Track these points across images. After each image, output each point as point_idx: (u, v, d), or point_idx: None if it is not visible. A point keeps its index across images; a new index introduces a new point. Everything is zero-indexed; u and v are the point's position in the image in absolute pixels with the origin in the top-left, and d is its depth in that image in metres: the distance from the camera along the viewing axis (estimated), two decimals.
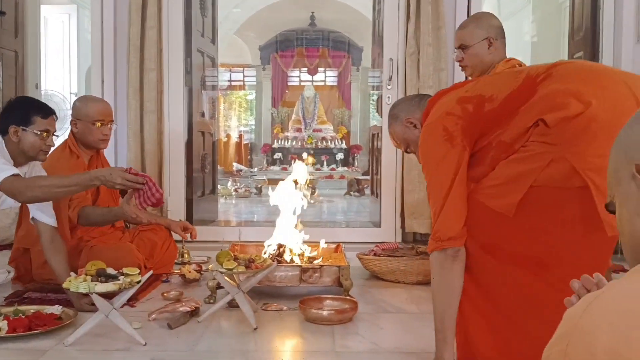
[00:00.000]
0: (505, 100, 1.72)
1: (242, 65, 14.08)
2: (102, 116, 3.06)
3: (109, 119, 3.10)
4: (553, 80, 1.67)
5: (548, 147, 1.64)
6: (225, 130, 13.41)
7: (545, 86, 1.67)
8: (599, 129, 1.57)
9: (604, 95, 1.61)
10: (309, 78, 13.88)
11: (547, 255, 1.70)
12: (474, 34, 2.57)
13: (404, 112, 2.05)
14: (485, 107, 1.74)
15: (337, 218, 6.87)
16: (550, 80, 1.67)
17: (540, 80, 1.69)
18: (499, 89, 1.75)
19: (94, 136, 3.04)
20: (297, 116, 13.02)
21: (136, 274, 2.22)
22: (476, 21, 2.61)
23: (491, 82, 1.87)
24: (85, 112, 3.04)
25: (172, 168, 4.40)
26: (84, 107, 3.07)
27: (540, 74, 1.70)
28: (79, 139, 3.06)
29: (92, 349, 2.13)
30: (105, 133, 3.08)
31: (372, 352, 2.15)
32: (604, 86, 1.65)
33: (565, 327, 0.61)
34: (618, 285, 0.62)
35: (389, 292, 2.98)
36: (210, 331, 2.35)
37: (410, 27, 4.16)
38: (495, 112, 1.73)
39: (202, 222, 4.74)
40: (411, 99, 2.13)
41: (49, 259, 2.64)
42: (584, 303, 0.61)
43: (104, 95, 4.29)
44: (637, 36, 4.46)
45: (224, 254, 2.48)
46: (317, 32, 13.17)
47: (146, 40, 4.20)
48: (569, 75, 1.70)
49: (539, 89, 1.67)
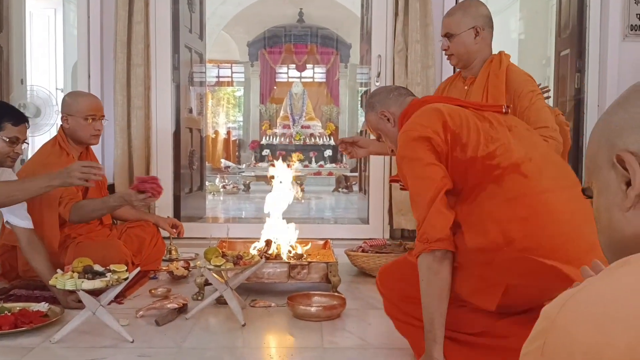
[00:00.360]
0: (468, 162, 1.75)
1: (230, 61, 14.02)
2: (93, 111, 3.03)
3: (100, 114, 3.08)
4: (497, 191, 1.70)
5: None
6: (213, 126, 13.36)
7: (486, 197, 1.71)
8: (515, 259, 1.63)
9: (536, 233, 1.64)
10: (297, 74, 13.87)
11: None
12: (460, 22, 2.52)
13: (380, 104, 2.07)
14: (457, 151, 1.77)
15: (326, 215, 6.87)
16: (495, 189, 1.70)
17: (495, 175, 1.72)
18: (471, 142, 1.76)
19: (85, 132, 3.01)
20: (286, 113, 13.01)
21: (123, 271, 2.21)
22: (464, 9, 2.56)
23: (470, 126, 1.80)
24: (76, 107, 3.00)
25: (160, 164, 4.38)
26: (74, 102, 3.04)
27: (499, 167, 1.72)
28: (70, 135, 3.03)
29: (79, 346, 2.12)
30: (97, 128, 3.05)
31: (360, 348, 2.15)
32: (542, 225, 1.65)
33: (543, 324, 0.61)
34: (596, 281, 0.61)
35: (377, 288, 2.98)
36: (198, 328, 2.35)
37: (399, 24, 4.17)
38: (459, 164, 1.76)
39: (190, 218, 4.73)
40: (390, 92, 2.10)
41: (30, 260, 2.62)
42: (562, 300, 0.61)
43: (90, 90, 4.25)
44: (623, 34, 4.49)
45: (212, 251, 2.48)
46: (305, 29, 13.15)
47: (133, 35, 4.17)
48: (514, 198, 1.69)
49: (481, 195, 1.72)
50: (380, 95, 2.10)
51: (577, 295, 0.60)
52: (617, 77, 4.51)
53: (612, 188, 0.72)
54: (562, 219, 1.66)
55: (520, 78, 2.51)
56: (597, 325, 0.55)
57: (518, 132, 1.86)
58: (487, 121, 1.83)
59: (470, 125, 1.79)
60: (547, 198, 1.69)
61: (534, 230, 1.64)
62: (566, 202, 1.70)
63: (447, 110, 1.82)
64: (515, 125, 1.90)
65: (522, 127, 1.92)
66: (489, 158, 1.74)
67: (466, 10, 2.54)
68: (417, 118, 1.85)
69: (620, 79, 4.50)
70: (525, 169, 1.73)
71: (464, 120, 1.80)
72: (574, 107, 4.91)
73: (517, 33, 7.84)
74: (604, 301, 0.57)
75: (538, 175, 1.73)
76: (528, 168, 1.73)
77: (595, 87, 4.61)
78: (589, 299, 0.59)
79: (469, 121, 1.80)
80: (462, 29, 2.51)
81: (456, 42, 2.53)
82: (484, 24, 2.53)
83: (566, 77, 5.07)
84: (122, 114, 4.19)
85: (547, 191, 1.71)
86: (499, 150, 1.75)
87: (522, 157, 1.75)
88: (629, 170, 0.69)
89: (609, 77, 4.50)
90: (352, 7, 10.84)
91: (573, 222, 1.66)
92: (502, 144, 1.77)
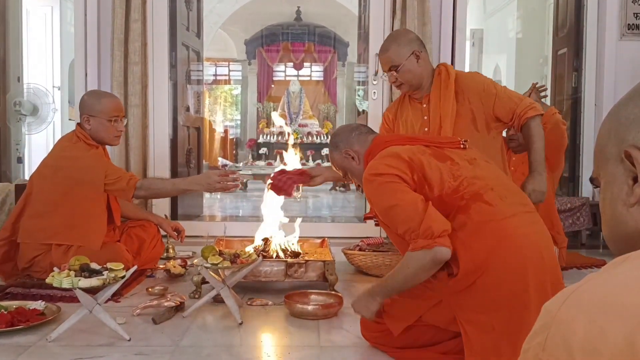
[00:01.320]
0: (435, 200, 1.85)
1: (228, 59, 13.99)
2: (117, 112, 3.01)
3: (122, 114, 3.06)
4: (465, 221, 1.81)
5: (439, 291, 1.84)
6: (210, 124, 13.33)
7: (456, 228, 1.79)
8: (484, 286, 1.75)
9: (503, 255, 1.76)
10: (295, 73, 13.84)
11: None
12: (399, 53, 2.64)
13: (343, 143, 2.18)
14: (425, 189, 1.88)
15: (323, 213, 6.88)
16: (464, 219, 1.81)
17: (461, 205, 1.83)
18: (436, 182, 1.87)
19: (109, 133, 2.98)
20: (283, 111, 12.98)
21: (120, 269, 2.21)
22: (396, 40, 2.68)
23: (433, 167, 1.91)
24: (99, 108, 2.96)
25: (157, 163, 4.37)
26: (97, 103, 2.98)
27: (464, 198, 1.84)
28: (92, 135, 2.97)
29: (75, 344, 2.12)
30: (120, 129, 3.03)
31: (356, 346, 2.15)
32: (507, 246, 1.77)
33: (544, 320, 0.61)
34: (597, 277, 0.62)
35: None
36: (195, 326, 2.35)
37: (396, 22, 4.16)
38: (428, 200, 1.85)
39: (187, 217, 4.73)
40: (352, 131, 2.21)
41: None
42: (563, 295, 0.61)
43: (87, 89, 4.25)
44: (620, 33, 4.50)
45: (209, 249, 2.47)
46: (302, 27, 13.12)
47: (130, 33, 4.16)
48: (481, 226, 1.80)
49: (452, 225, 1.79)
50: (343, 135, 2.21)
51: (577, 291, 0.60)
52: (614, 76, 4.52)
53: (618, 182, 0.72)
54: (527, 239, 1.80)
55: (474, 79, 2.68)
56: (595, 319, 0.56)
57: (478, 165, 2.00)
58: (448, 159, 1.96)
59: (432, 166, 1.91)
60: (511, 222, 1.83)
61: (503, 252, 1.76)
62: (529, 225, 1.86)
63: (408, 154, 1.94)
64: (474, 157, 2.03)
65: (481, 159, 2.05)
66: (455, 192, 1.87)
67: (399, 40, 2.67)
68: (382, 159, 1.96)
69: (617, 78, 4.51)
70: (488, 197, 1.86)
71: (425, 162, 1.92)
72: (571, 106, 4.92)
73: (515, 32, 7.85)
74: (603, 296, 0.58)
75: (500, 202, 1.87)
76: (490, 196, 1.86)
77: (592, 86, 4.62)
78: (588, 294, 0.59)
79: (430, 163, 1.92)
80: (403, 57, 2.63)
81: (403, 71, 2.65)
82: (418, 46, 2.66)
83: (563, 76, 5.08)
84: None
85: (511, 216, 1.85)
86: (462, 185, 1.87)
87: (484, 187, 1.89)
88: (636, 167, 0.69)
89: (606, 76, 4.51)
90: (350, 6, 10.83)
91: (535, 246, 1.81)
92: (465, 178, 1.90)
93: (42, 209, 2.89)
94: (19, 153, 5.43)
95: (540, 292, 1.73)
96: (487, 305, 1.75)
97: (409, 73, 2.65)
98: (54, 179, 2.88)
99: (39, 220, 2.88)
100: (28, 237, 2.88)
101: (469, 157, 2.01)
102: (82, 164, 2.88)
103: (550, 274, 1.79)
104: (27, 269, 2.90)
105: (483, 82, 2.67)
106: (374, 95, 4.29)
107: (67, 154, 2.94)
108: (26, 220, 2.91)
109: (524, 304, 1.72)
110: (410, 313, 1.93)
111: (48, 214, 2.87)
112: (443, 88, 2.63)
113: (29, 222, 2.90)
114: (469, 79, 2.68)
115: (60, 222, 2.85)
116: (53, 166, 2.93)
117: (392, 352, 2.03)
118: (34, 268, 2.89)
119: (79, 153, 2.91)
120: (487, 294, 1.75)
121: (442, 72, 2.68)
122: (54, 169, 2.91)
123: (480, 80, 2.69)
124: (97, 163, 2.90)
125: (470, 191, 1.86)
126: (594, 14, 4.56)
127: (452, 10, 4.33)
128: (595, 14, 4.56)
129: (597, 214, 4.39)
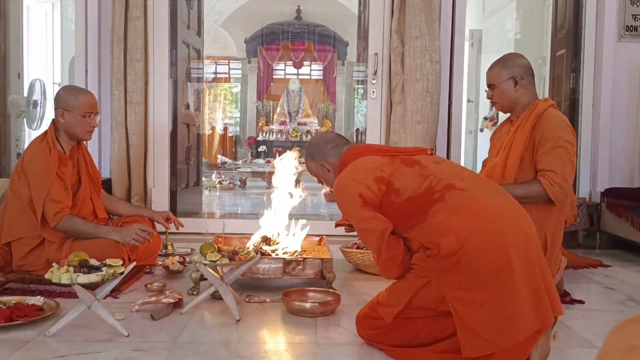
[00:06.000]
0: (407, 202, 1.95)
1: (228, 57, 14.00)
2: (92, 108, 3.04)
3: (96, 110, 3.08)
4: (442, 207, 1.90)
5: (426, 272, 1.92)
6: (210, 122, 13.35)
7: (433, 213, 1.90)
8: (468, 263, 1.81)
9: (483, 230, 1.84)
10: (295, 71, 13.84)
11: None
12: (500, 74, 2.74)
13: (319, 155, 2.29)
14: (392, 196, 1.97)
15: (321, 211, 6.89)
16: (440, 206, 1.90)
17: (435, 198, 1.92)
18: (405, 186, 1.97)
19: (82, 128, 3.01)
20: (282, 109, 12.99)
21: (119, 265, 2.22)
22: (502, 62, 2.77)
23: (401, 173, 2.02)
24: (75, 103, 2.99)
25: (157, 160, 4.39)
26: (73, 98, 3.00)
27: (437, 190, 1.94)
28: (64, 129, 3.02)
29: (74, 340, 2.13)
30: (93, 125, 3.05)
31: (354, 344, 2.17)
32: (486, 222, 1.86)
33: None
34: None
35: (372, 285, 3.00)
36: (194, 323, 2.36)
37: (394, 22, 4.17)
38: (398, 208, 1.95)
39: (186, 214, 4.74)
40: (327, 143, 2.31)
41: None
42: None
43: (87, 85, 4.26)
44: (618, 34, 4.52)
45: (208, 246, 2.49)
46: (302, 26, 13.12)
47: (131, 30, 4.17)
48: (458, 207, 1.90)
49: (429, 214, 1.90)
50: (318, 147, 2.31)
51: None
52: (612, 77, 4.53)
53: None
54: (504, 216, 1.90)
55: (552, 122, 2.59)
56: None
57: (445, 163, 2.16)
58: (417, 163, 2.06)
59: (401, 173, 2.02)
60: (487, 202, 1.93)
61: (482, 227, 1.84)
62: (504, 204, 1.96)
63: (378, 164, 2.06)
64: (440, 160, 2.17)
65: (446, 162, 2.21)
66: (427, 190, 1.96)
67: (504, 63, 2.76)
68: (350, 172, 2.07)
69: (615, 80, 4.53)
70: (460, 185, 1.97)
71: (394, 170, 2.03)
72: (569, 107, 4.94)
73: (514, 33, 7.86)
74: None
75: (473, 187, 1.98)
76: (462, 184, 1.97)
77: (590, 87, 4.64)
78: None
79: (399, 171, 2.03)
80: (501, 79, 2.74)
81: (497, 91, 2.76)
82: (522, 73, 2.72)
83: (561, 76, 5.10)
84: (118, 109, 4.19)
85: (485, 197, 1.96)
86: (433, 182, 1.97)
87: (454, 177, 2.00)
88: None
89: (604, 77, 4.53)
90: (350, 5, 10.85)
91: (513, 217, 1.91)
92: (435, 175, 2.00)
93: (19, 205, 2.94)
94: (18, 149, 5.44)
95: (524, 265, 1.81)
96: (474, 281, 1.81)
97: (503, 95, 2.74)
98: (20, 176, 2.95)
99: (18, 216, 2.94)
100: (9, 237, 2.95)
101: (436, 160, 2.14)
102: (36, 168, 2.91)
103: (534, 247, 1.87)
104: (21, 266, 2.92)
105: (554, 131, 2.55)
106: (372, 94, 4.30)
107: (29, 150, 2.99)
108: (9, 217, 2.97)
109: (509, 276, 1.78)
110: (400, 297, 1.98)
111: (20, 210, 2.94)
112: (524, 119, 2.64)
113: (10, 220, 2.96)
114: (548, 118, 2.60)
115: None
116: (29, 170, 2.94)
117: (388, 351, 2.05)
118: (28, 267, 2.91)
119: (37, 158, 2.93)
120: (472, 270, 1.81)
121: (538, 105, 2.65)
122: (21, 165, 2.97)
123: (554, 127, 2.57)
124: (45, 175, 2.89)
125: (442, 184, 1.95)
126: (593, 16, 4.58)
127: (451, 10, 4.35)
128: (593, 15, 4.58)
129: (594, 215, 4.41)
